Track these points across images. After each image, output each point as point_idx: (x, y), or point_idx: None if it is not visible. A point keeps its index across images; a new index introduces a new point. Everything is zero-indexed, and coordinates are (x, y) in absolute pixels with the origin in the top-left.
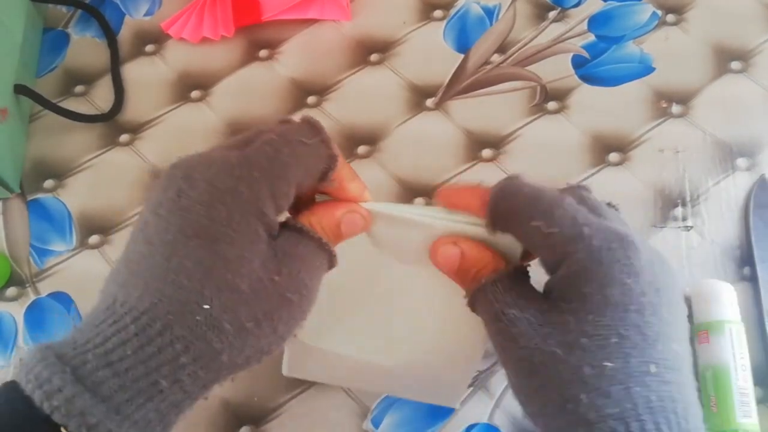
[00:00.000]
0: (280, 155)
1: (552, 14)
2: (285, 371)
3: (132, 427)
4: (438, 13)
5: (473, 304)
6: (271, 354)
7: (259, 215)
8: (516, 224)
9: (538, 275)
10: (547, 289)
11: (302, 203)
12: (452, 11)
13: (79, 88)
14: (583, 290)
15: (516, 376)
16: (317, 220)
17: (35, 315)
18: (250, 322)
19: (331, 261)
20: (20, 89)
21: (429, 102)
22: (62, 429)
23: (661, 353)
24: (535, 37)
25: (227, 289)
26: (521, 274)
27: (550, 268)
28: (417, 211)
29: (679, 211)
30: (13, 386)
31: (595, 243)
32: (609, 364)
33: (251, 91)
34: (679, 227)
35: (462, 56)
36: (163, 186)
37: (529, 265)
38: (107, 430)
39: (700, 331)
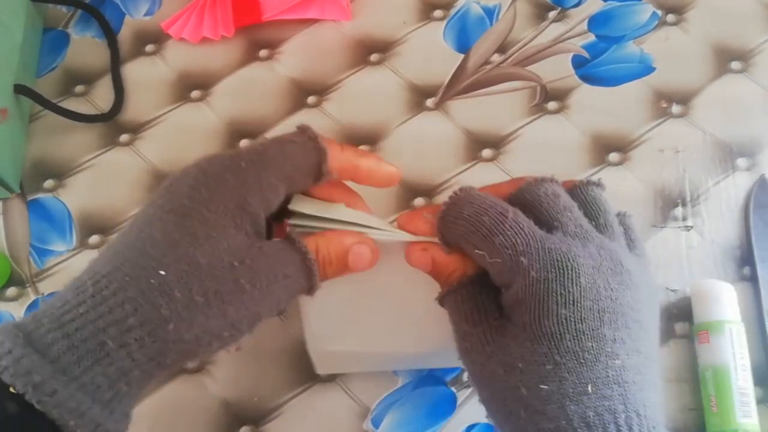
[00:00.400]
0: (268, 150)
1: (552, 14)
2: (318, 371)
3: (79, 389)
4: (438, 13)
5: (443, 307)
6: (223, 344)
7: (241, 203)
8: (464, 249)
9: None
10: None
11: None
12: (452, 11)
13: (79, 88)
14: (522, 319)
15: (471, 382)
16: (324, 243)
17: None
18: (199, 296)
19: (310, 280)
20: (20, 89)
21: (429, 102)
22: (11, 389)
23: (601, 372)
24: (535, 37)
25: (186, 260)
26: (485, 278)
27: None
28: (382, 226)
29: (679, 211)
30: None
31: (532, 274)
32: (544, 386)
33: (251, 91)
34: (679, 227)
35: (462, 56)
36: (165, 180)
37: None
38: (52, 390)
39: (700, 331)
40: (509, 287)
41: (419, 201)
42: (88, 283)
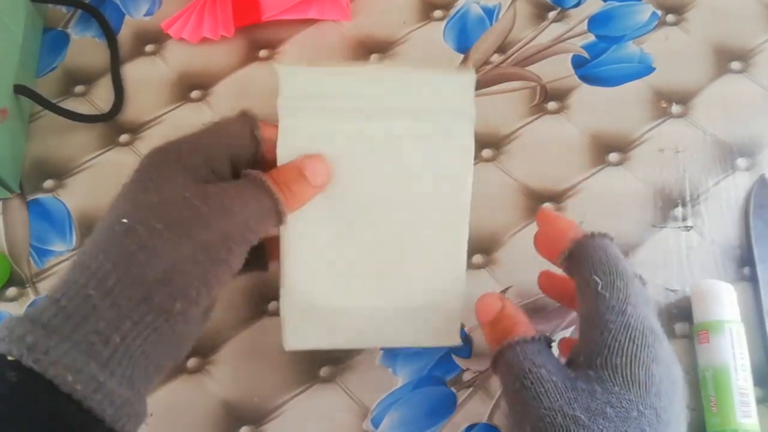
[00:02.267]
0: (209, 128)
1: (552, 14)
2: (286, 346)
3: (73, 347)
4: (438, 13)
5: (497, 360)
6: (205, 274)
7: (181, 161)
8: (581, 266)
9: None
10: (571, 358)
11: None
12: (452, 11)
13: (79, 88)
14: (614, 361)
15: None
16: (277, 172)
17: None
18: (159, 224)
19: (271, 197)
20: (20, 89)
21: None
22: (9, 357)
23: None
24: (535, 37)
25: (142, 204)
26: (548, 344)
27: (582, 330)
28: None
29: (679, 211)
30: None
31: (632, 322)
32: None
33: (251, 91)
34: (679, 227)
35: (462, 56)
36: None
37: (554, 340)
38: (46, 348)
39: (700, 331)
40: (594, 330)
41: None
42: (73, 262)
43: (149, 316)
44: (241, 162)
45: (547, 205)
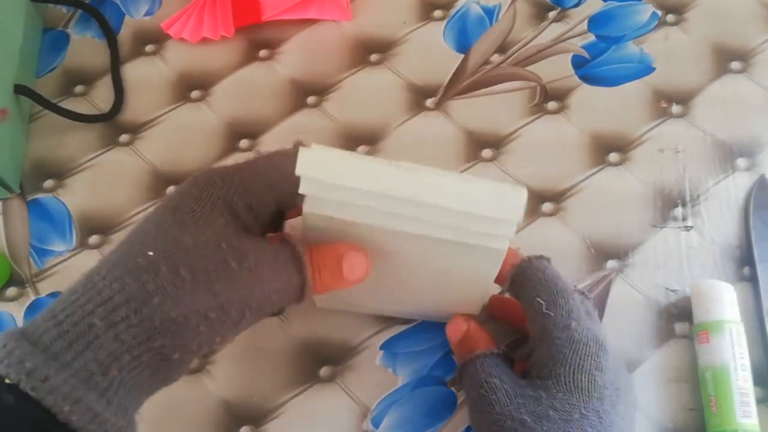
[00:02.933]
0: (256, 161)
1: (552, 14)
2: (317, 304)
3: (72, 376)
4: (438, 13)
5: (461, 373)
6: (212, 330)
7: (228, 202)
8: (524, 289)
9: None
10: (525, 372)
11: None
12: (452, 11)
13: (79, 88)
14: (557, 371)
15: None
16: (318, 249)
17: (35, 315)
18: (186, 272)
19: (301, 274)
20: (20, 89)
21: (429, 102)
22: (7, 380)
23: None
24: (535, 37)
25: (173, 242)
26: (505, 359)
27: (532, 345)
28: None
29: (679, 211)
30: None
31: (576, 336)
32: None
33: (251, 91)
34: (679, 227)
35: (462, 56)
36: None
37: (512, 354)
38: (45, 375)
39: (700, 331)
40: (545, 343)
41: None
42: (81, 278)
43: (147, 355)
44: (287, 200)
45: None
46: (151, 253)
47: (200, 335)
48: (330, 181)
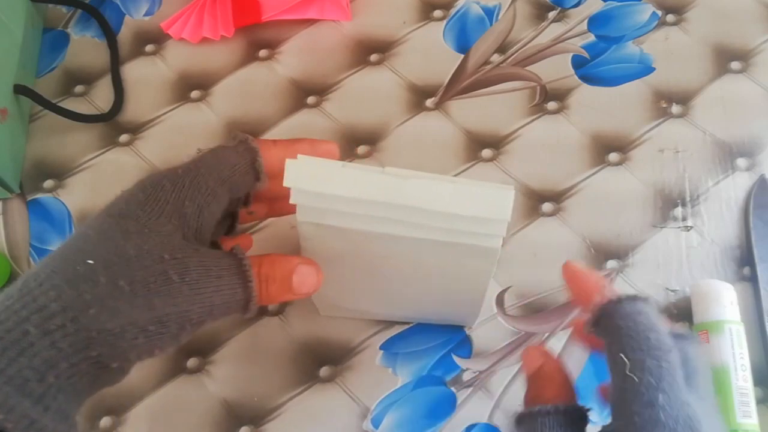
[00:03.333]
0: (203, 158)
1: (552, 14)
2: (321, 313)
3: (6, 383)
4: (438, 13)
5: (519, 421)
6: (150, 342)
7: (178, 206)
8: (608, 338)
9: None
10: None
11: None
12: (452, 11)
13: (78, 88)
14: None
15: None
16: (269, 261)
17: None
18: (125, 284)
19: (246, 289)
20: (20, 89)
21: (429, 102)
22: None
23: None
24: (535, 37)
25: (115, 251)
26: (581, 415)
27: (610, 401)
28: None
29: (679, 211)
30: None
31: (661, 417)
32: None
33: (251, 91)
34: (679, 227)
35: (462, 56)
36: None
37: (590, 409)
38: None
39: (699, 331)
40: (619, 416)
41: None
42: (18, 282)
43: (85, 363)
44: (240, 192)
45: (572, 261)
46: (90, 262)
47: (138, 346)
48: (319, 190)
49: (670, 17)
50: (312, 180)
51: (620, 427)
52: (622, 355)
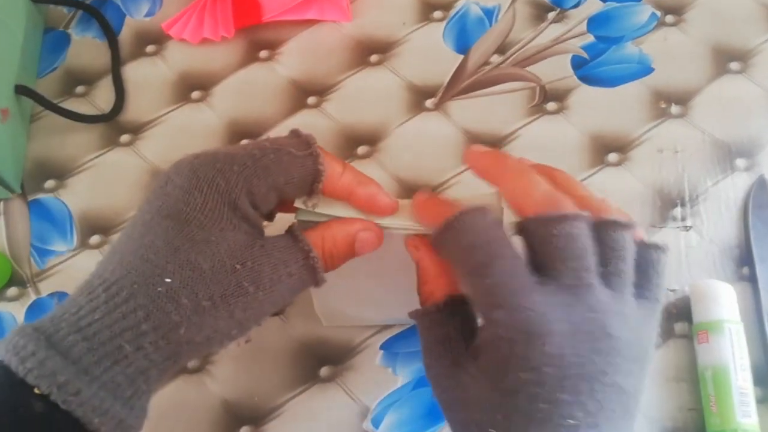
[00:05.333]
0: (264, 158)
1: (551, 15)
2: (324, 323)
3: (101, 388)
4: (438, 13)
5: (413, 319)
6: (234, 339)
7: (232, 206)
8: (451, 262)
9: None
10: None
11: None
12: (452, 12)
13: (79, 89)
14: (484, 365)
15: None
16: (331, 234)
17: (36, 315)
18: (206, 301)
19: (315, 276)
20: (21, 90)
21: (429, 102)
22: (35, 390)
23: (550, 430)
24: (535, 37)
25: (189, 266)
26: (463, 303)
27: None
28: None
29: (678, 211)
30: None
31: (500, 332)
32: (492, 431)
33: (252, 92)
34: (678, 227)
35: (462, 57)
36: (157, 176)
37: (464, 302)
38: (77, 389)
39: (699, 331)
40: (482, 326)
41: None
42: (99, 289)
43: (172, 369)
44: (286, 198)
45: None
46: (168, 280)
47: (222, 347)
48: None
49: (669, 18)
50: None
51: (478, 338)
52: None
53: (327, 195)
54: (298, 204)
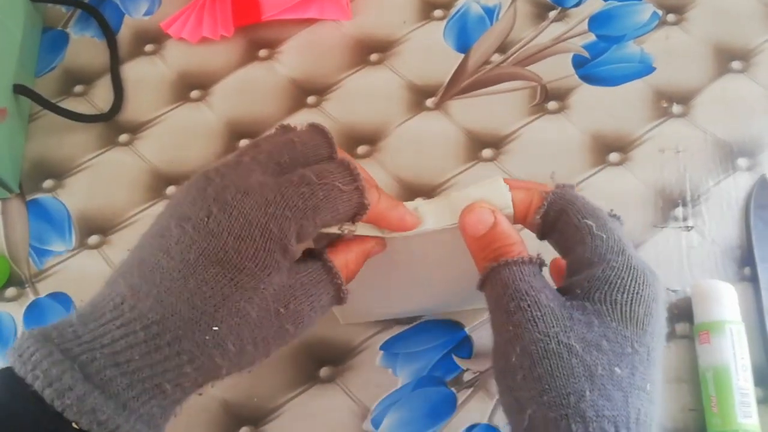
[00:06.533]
0: (314, 198)
1: (552, 14)
2: (342, 321)
3: (138, 420)
4: (438, 12)
5: (491, 277)
6: (256, 366)
7: (282, 251)
8: (566, 214)
9: None
10: (565, 289)
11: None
12: (452, 11)
13: (78, 88)
14: (614, 297)
15: (518, 358)
16: (353, 257)
17: (35, 315)
18: (250, 345)
19: (340, 302)
20: (20, 89)
21: (429, 102)
22: (74, 424)
23: (655, 376)
24: (536, 36)
25: (237, 314)
26: (541, 268)
27: (574, 271)
28: (431, 211)
29: (679, 211)
30: (10, 374)
31: (633, 263)
32: (618, 370)
33: (251, 91)
34: (680, 227)
35: (462, 56)
36: (193, 198)
37: (546, 264)
38: (116, 426)
39: (700, 332)
40: (594, 267)
41: (419, 200)
42: (136, 324)
43: (199, 390)
44: (334, 224)
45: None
46: (216, 328)
47: (249, 367)
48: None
49: (670, 17)
50: None
51: (596, 272)
52: (587, 221)
53: (362, 221)
54: (334, 230)
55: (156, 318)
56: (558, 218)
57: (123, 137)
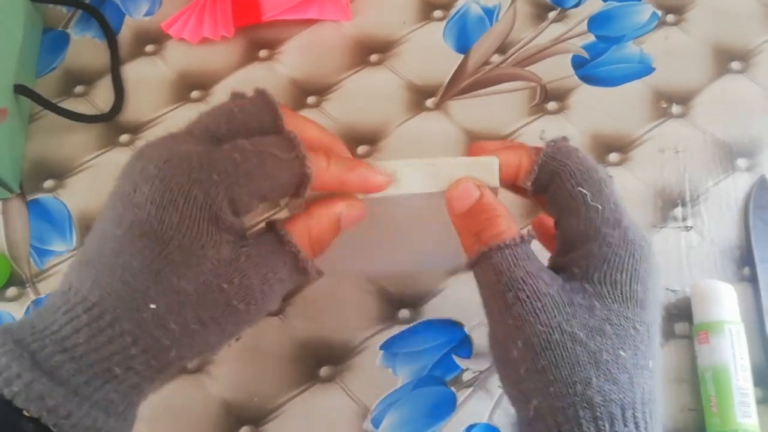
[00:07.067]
0: (246, 164)
1: (552, 14)
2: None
3: (93, 407)
4: (438, 13)
5: (482, 262)
6: (223, 346)
7: (213, 220)
8: (561, 181)
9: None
10: (559, 266)
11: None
12: (452, 11)
13: (79, 89)
14: (614, 277)
15: (520, 352)
16: (316, 222)
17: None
18: (195, 324)
19: (306, 275)
20: (20, 89)
21: (429, 102)
22: (25, 412)
23: (655, 351)
24: (535, 37)
25: (172, 291)
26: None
27: (568, 244)
28: (419, 168)
29: (679, 211)
30: None
31: (629, 235)
32: (623, 353)
33: (251, 92)
34: (679, 227)
35: (462, 56)
36: (123, 174)
37: (535, 237)
38: (67, 412)
39: (700, 332)
40: (590, 243)
41: (401, 161)
42: (79, 308)
43: (165, 378)
44: (277, 197)
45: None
46: (153, 306)
47: (214, 354)
48: None
49: (670, 17)
50: None
51: (593, 249)
52: (580, 189)
53: (315, 190)
54: (282, 206)
55: (96, 299)
56: (550, 181)
57: (123, 137)
